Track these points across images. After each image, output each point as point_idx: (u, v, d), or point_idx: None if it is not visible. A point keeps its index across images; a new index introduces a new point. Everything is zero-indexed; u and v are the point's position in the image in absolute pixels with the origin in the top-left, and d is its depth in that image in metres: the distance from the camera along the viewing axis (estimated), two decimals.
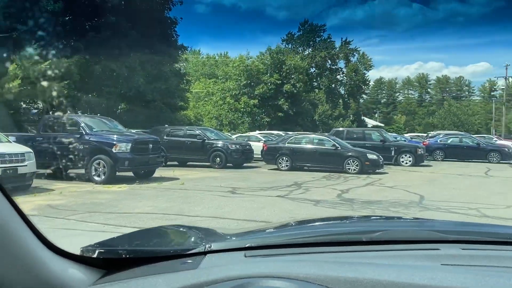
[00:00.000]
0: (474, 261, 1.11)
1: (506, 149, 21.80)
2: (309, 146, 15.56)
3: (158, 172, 13.08)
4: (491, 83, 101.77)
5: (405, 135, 39.88)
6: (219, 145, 16.39)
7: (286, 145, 15.76)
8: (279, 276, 0.98)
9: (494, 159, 20.65)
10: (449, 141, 22.84)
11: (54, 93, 16.95)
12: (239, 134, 25.74)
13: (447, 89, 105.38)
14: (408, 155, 18.30)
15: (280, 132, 24.94)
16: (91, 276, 1.07)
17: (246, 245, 1.22)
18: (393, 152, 18.43)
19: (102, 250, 1.17)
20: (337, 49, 53.90)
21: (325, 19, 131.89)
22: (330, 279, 0.95)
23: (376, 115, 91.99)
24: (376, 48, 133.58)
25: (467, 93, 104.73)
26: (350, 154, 14.75)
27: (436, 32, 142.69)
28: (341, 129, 21.53)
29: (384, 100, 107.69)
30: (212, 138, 16.83)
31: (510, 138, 42.64)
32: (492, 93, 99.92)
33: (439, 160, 21.70)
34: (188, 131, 17.47)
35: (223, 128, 40.94)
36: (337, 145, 15.04)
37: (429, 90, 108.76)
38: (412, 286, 0.92)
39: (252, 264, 1.08)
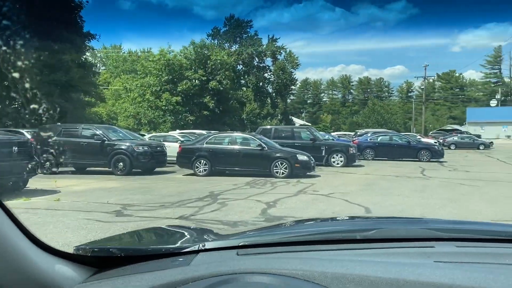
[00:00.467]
0: (468, 258, 1.10)
1: (435, 146, 21.30)
2: (232, 146, 13.17)
3: (36, 182, 10.04)
4: (408, 84, 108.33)
5: (332, 133, 39.39)
6: (123, 147, 13.47)
7: (205, 145, 13.24)
8: (265, 272, 0.97)
9: (425, 157, 19.91)
10: (379, 140, 21.86)
11: None
12: (153, 134, 22.74)
13: (369, 90, 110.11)
14: (339, 155, 16.78)
15: (203, 132, 22.39)
16: (82, 274, 1.05)
17: (240, 244, 1.20)
18: (324, 152, 16.80)
19: (95, 249, 1.18)
20: (264, 46, 52.46)
21: (253, 21, 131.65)
22: (316, 274, 0.95)
23: (303, 115, 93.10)
24: (302, 50, 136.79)
25: (386, 93, 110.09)
26: (278, 155, 12.65)
27: (357, 36, 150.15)
28: (268, 127, 19.53)
29: (310, 100, 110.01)
30: (114, 139, 13.85)
31: (427, 136, 44.13)
32: (409, 94, 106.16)
33: (369, 159, 20.59)
34: (84, 130, 14.27)
35: (142, 127, 37.37)
36: (264, 145, 12.85)
37: (351, 91, 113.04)
38: (399, 281, 0.91)
39: (242, 262, 1.07)
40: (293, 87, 72.33)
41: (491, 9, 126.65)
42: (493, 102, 72.86)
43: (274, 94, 54.35)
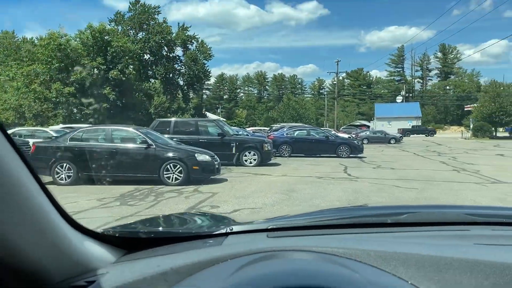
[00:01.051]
0: (507, 241, 1.06)
1: (355, 141, 19.78)
2: (106, 144, 9.76)
3: None
4: (319, 81, 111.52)
5: (247, 129, 37.26)
6: None
7: (68, 143, 9.66)
8: (303, 249, 0.95)
9: (344, 153, 18.22)
10: (296, 135, 19.78)
11: None
12: (18, 128, 18.25)
13: (283, 86, 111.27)
14: (252, 153, 14.25)
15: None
16: (113, 254, 1.05)
17: (269, 227, 1.17)
18: (234, 149, 14.17)
19: (124, 230, 1.19)
20: (174, 35, 48.58)
21: (168, 14, 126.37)
22: (359, 252, 0.92)
23: (218, 111, 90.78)
24: (218, 46, 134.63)
25: (300, 90, 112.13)
26: (170, 155, 9.57)
27: (271, 34, 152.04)
28: (168, 119, 16.26)
29: (226, 96, 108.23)
30: None
31: (339, 131, 44.03)
32: (320, 91, 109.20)
33: (286, 156, 18.42)
34: None
35: (26, 122, 31.69)
36: (150, 142, 9.67)
37: (267, 87, 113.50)
38: (446, 259, 0.87)
39: (275, 242, 1.05)
40: (207, 82, 69.56)
41: (392, 14, 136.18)
42: (398, 98, 76.78)
43: (185, 87, 50.77)
